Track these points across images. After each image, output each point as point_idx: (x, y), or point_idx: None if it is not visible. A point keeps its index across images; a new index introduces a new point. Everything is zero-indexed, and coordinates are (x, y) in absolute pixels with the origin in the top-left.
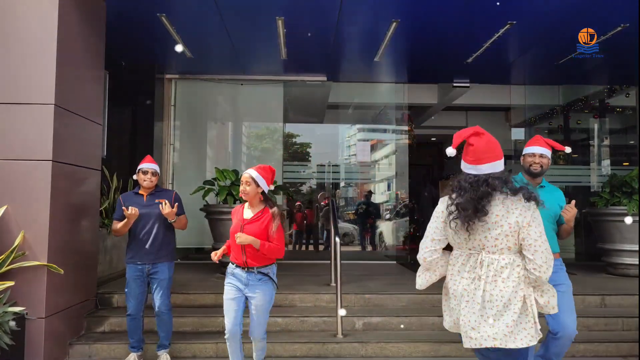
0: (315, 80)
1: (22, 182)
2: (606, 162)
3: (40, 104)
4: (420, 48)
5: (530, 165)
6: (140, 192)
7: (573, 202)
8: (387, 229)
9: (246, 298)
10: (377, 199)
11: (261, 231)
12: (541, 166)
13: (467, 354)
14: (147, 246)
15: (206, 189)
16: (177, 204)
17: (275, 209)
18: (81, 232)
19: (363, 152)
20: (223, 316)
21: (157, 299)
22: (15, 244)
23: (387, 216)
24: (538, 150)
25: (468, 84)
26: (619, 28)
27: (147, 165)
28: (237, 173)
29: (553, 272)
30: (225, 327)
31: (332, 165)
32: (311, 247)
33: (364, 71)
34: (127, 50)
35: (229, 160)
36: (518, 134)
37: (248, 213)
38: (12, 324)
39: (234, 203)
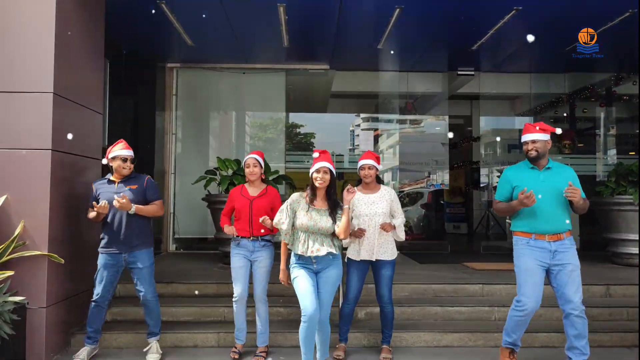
0: (318, 68)
1: (22, 171)
2: (612, 152)
3: (39, 92)
4: (424, 35)
5: (528, 152)
6: (112, 178)
7: (570, 183)
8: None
9: (251, 264)
10: None
11: (268, 205)
12: (536, 150)
13: (469, 343)
14: (120, 235)
15: (208, 178)
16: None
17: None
18: (82, 222)
19: (366, 142)
20: (225, 306)
21: (141, 288)
22: (16, 233)
23: None
24: (530, 137)
25: (472, 72)
26: (627, 14)
27: (127, 152)
28: (239, 162)
29: (561, 251)
30: (235, 291)
31: (336, 155)
32: None
33: (367, 59)
34: (127, 38)
35: (231, 149)
36: (524, 122)
37: (253, 191)
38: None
39: None
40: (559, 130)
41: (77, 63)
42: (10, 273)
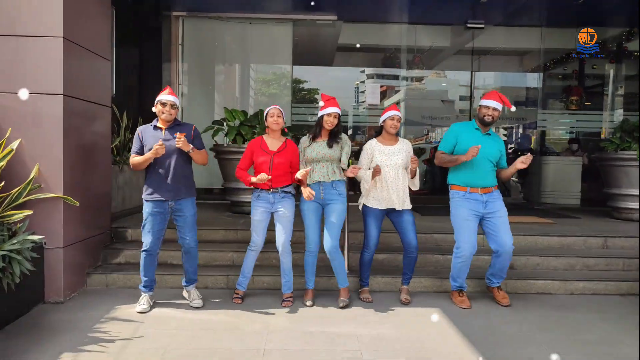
0: (326, 19)
1: (34, 116)
2: (619, 110)
3: (49, 37)
4: None
5: (484, 115)
6: (158, 125)
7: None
8: None
9: (271, 215)
10: None
11: (287, 162)
12: (492, 118)
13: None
14: (167, 181)
15: (215, 128)
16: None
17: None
18: (95, 167)
19: (373, 95)
20: (233, 251)
21: (186, 236)
22: (31, 176)
23: None
24: (493, 104)
25: (482, 25)
26: None
27: (167, 97)
28: (245, 114)
29: (490, 201)
30: (252, 240)
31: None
32: None
33: (376, 10)
34: None
35: (236, 101)
36: (532, 79)
37: (273, 145)
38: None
39: (243, 143)
40: (513, 108)
41: (85, 8)
42: (28, 212)
